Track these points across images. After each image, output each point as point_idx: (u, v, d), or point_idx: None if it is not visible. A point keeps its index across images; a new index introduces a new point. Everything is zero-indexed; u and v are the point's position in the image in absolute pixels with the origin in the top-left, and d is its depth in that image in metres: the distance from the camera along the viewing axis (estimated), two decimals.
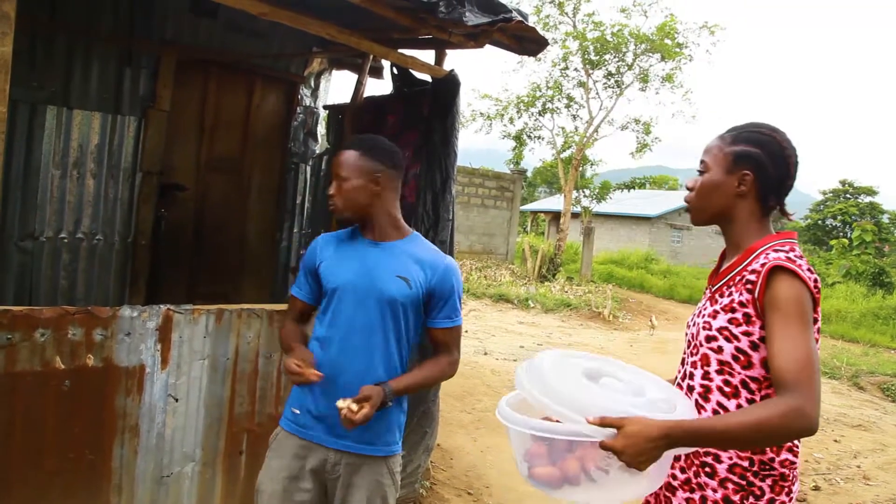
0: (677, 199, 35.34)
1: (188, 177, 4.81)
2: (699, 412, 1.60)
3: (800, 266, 1.49)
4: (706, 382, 1.62)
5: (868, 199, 38.53)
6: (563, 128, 22.08)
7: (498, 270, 18.14)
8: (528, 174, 26.87)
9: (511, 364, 8.00)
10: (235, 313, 2.83)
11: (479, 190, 20.66)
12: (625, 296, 16.58)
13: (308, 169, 5.37)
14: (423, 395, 3.44)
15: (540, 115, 21.62)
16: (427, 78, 3.80)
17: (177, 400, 2.72)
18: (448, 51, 3.75)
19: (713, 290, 1.69)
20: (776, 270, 1.49)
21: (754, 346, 1.53)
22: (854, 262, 21.54)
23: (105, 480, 2.59)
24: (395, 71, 4.14)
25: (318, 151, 5.41)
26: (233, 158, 5.02)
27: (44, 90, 4.06)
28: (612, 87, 20.66)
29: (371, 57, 4.56)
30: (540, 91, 21.23)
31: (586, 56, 20.00)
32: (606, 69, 20.28)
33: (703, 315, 1.66)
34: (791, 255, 1.53)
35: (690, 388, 1.67)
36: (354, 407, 1.87)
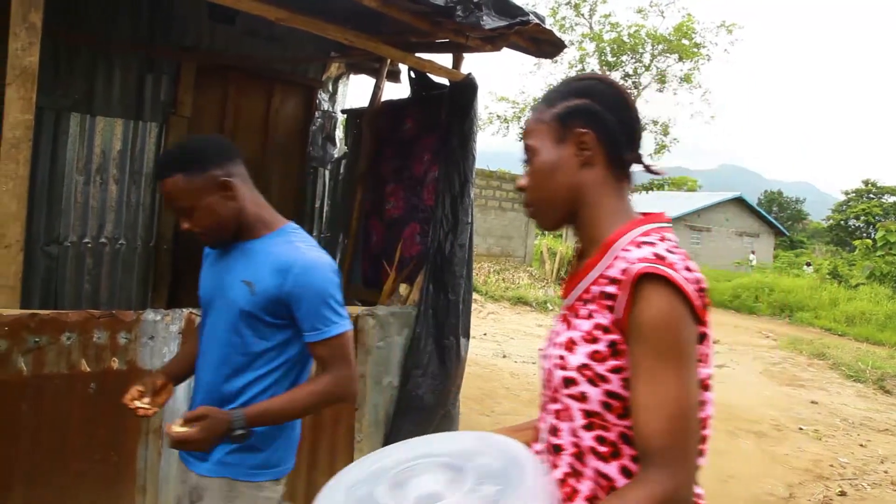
0: (697, 200, 35.08)
1: None
2: (577, 480, 1.15)
3: (673, 267, 1.08)
4: (576, 441, 1.16)
5: (892, 199, 37.94)
6: None
7: (516, 273, 18.09)
8: None
9: (530, 367, 7.98)
10: None
11: (496, 192, 20.62)
12: None
13: (327, 173, 5.40)
14: (442, 398, 3.45)
15: None
16: (444, 81, 3.82)
17: None
18: (465, 54, 3.76)
19: (566, 305, 1.24)
20: (644, 280, 1.06)
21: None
22: (878, 263, 21.18)
23: (130, 482, 2.62)
24: (412, 75, 4.16)
25: (336, 155, 5.45)
26: (252, 163, 5.01)
27: (68, 97, 4.13)
28: (630, 88, 20.58)
29: (388, 61, 4.59)
30: None
31: (603, 57, 19.96)
32: (623, 70, 20.24)
33: (557, 345, 1.20)
34: (661, 249, 1.13)
35: (558, 449, 1.19)
36: (175, 428, 1.58)
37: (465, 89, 3.51)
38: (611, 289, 1.11)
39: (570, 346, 1.15)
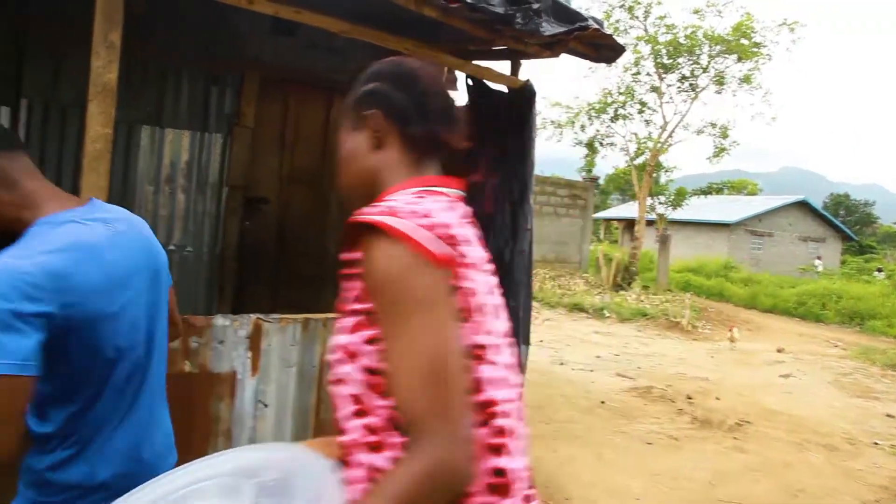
0: (758, 204, 34.04)
1: (270, 190, 4.99)
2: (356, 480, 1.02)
3: (397, 214, 0.96)
4: (350, 433, 1.03)
5: None
6: (635, 134, 21.67)
7: (571, 279, 17.91)
8: (601, 181, 26.44)
9: (588, 374, 7.88)
10: (321, 322, 2.91)
11: (550, 198, 20.49)
12: (703, 305, 16.06)
13: None
14: None
15: (612, 121, 21.29)
16: (502, 88, 3.82)
17: (266, 406, 2.82)
18: (522, 61, 3.76)
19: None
20: (365, 234, 0.96)
21: None
22: None
23: None
24: (469, 82, 4.18)
25: None
26: (313, 172, 5.18)
27: (139, 111, 4.31)
28: (687, 91, 20.15)
29: (445, 69, 4.62)
30: (611, 97, 20.92)
31: (659, 60, 19.59)
32: (680, 72, 19.80)
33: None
34: (402, 202, 1.01)
35: (344, 448, 1.06)
36: None
37: (524, 96, 3.50)
38: (356, 254, 1.01)
39: (340, 328, 1.05)
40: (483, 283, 1.05)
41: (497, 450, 1.00)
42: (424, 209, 1.00)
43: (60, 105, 4.07)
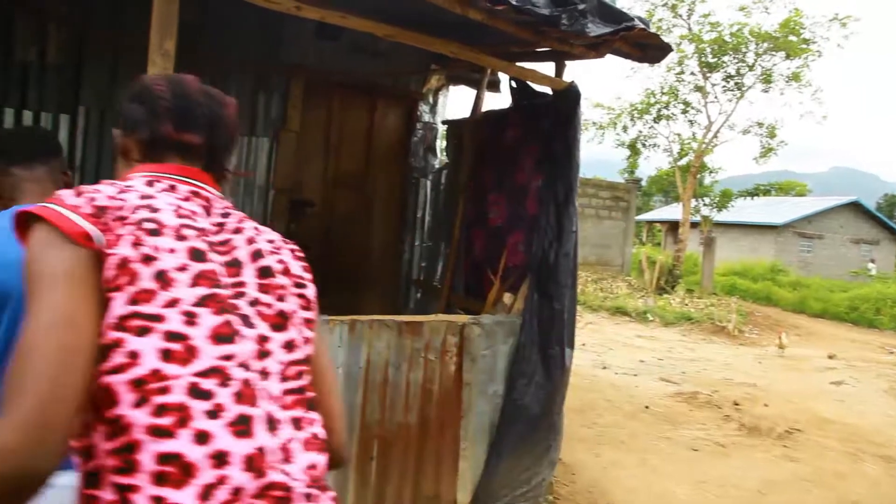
0: (807, 205, 33.13)
1: (315, 193, 5.06)
2: None
3: (60, 198, 0.97)
4: None
5: None
6: (678, 134, 21.32)
7: (614, 282, 17.71)
8: (643, 183, 26.08)
9: (631, 378, 7.77)
10: (367, 324, 2.94)
11: (592, 200, 20.29)
12: (750, 309, 15.69)
13: (428, 183, 5.50)
14: (548, 409, 3.42)
15: (655, 122, 20.99)
16: (546, 90, 3.80)
17: None
18: (566, 62, 3.74)
19: None
20: (25, 222, 0.97)
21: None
22: None
23: None
24: (513, 84, 4.17)
25: (437, 166, 5.54)
26: (357, 174, 5.24)
27: None
28: (732, 90, 19.71)
29: (489, 71, 4.62)
30: (654, 97, 20.61)
31: (703, 59, 19.21)
32: (725, 71, 19.39)
33: None
34: (87, 188, 1.01)
35: None
36: None
37: (569, 97, 3.48)
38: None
39: None
40: (172, 255, 0.97)
41: (162, 432, 0.87)
42: (95, 189, 1.01)
43: (116, 112, 4.19)
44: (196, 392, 0.91)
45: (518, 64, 3.59)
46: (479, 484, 3.32)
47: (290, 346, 1.07)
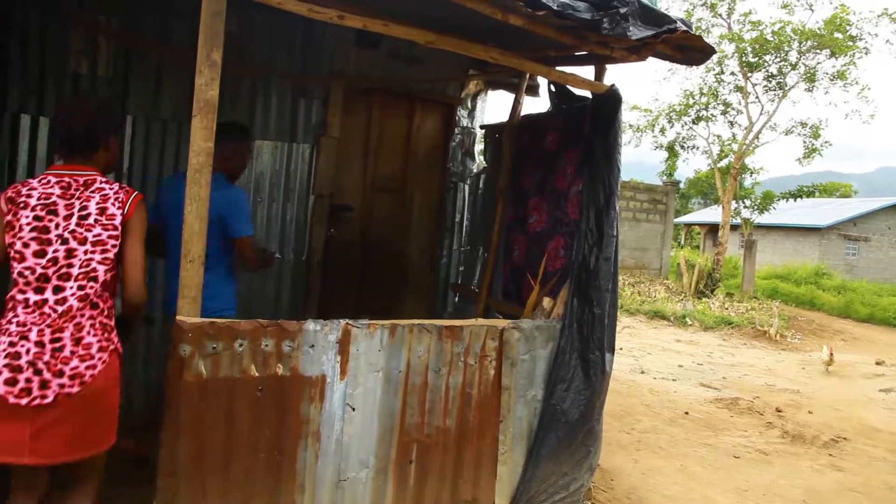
0: (852, 207, 32.23)
1: (355, 197, 5.11)
2: None
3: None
4: None
5: None
6: (718, 136, 20.94)
7: (652, 286, 17.48)
8: (682, 185, 25.66)
9: (670, 384, 7.67)
10: (407, 328, 2.96)
11: (629, 203, 20.08)
12: (793, 313, 15.33)
13: (466, 187, 5.52)
14: (587, 414, 3.40)
15: (694, 123, 20.66)
16: (585, 94, 3.79)
17: (353, 409, 2.89)
18: (607, 65, 3.72)
19: None
20: None
21: None
22: None
23: (290, 480, 2.79)
24: (552, 88, 4.17)
25: (475, 170, 5.55)
26: (395, 179, 5.28)
27: None
28: (774, 90, 19.29)
29: (527, 76, 4.62)
30: (693, 98, 20.30)
31: (744, 59, 18.85)
32: (767, 71, 18.98)
33: None
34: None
35: None
36: None
37: (609, 101, 3.46)
38: None
39: None
40: (31, 226, 2.26)
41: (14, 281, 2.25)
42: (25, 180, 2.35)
43: (161, 120, 4.31)
44: (19, 273, 2.23)
45: (557, 68, 3.58)
46: (518, 489, 3.32)
47: (99, 248, 2.30)
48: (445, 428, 3.12)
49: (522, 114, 4.64)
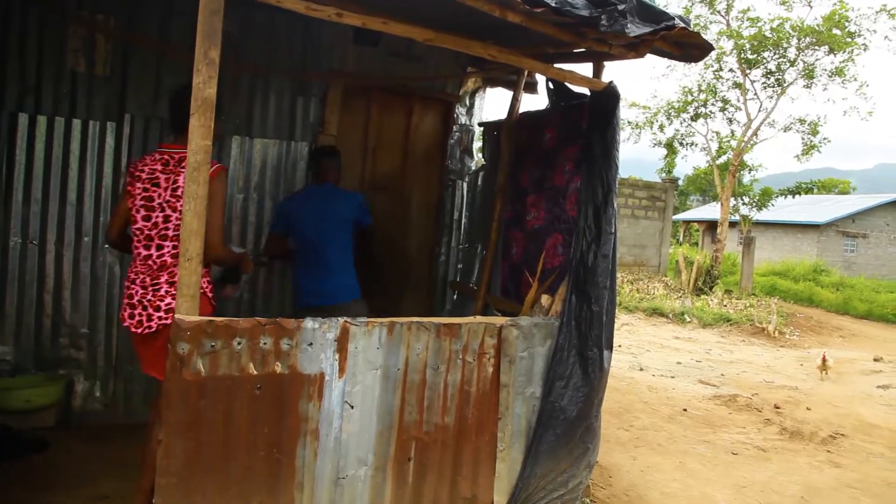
0: (850, 203, 32.27)
1: None
2: None
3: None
4: None
5: None
6: (717, 132, 20.96)
7: (650, 283, 17.50)
8: (680, 182, 25.66)
9: (668, 381, 7.68)
10: (406, 326, 2.96)
11: (628, 200, 20.09)
12: (791, 310, 15.35)
13: (465, 185, 5.51)
14: (585, 411, 3.41)
15: (692, 120, 20.67)
16: (584, 91, 3.79)
17: (352, 407, 2.89)
18: (605, 62, 3.71)
19: None
20: None
21: None
22: None
23: (290, 478, 2.79)
24: (550, 86, 4.16)
25: (474, 168, 5.55)
26: (394, 177, 5.28)
27: (230, 122, 4.51)
28: (773, 86, 19.31)
29: (526, 73, 4.62)
30: (692, 95, 20.30)
31: (742, 55, 18.85)
32: (765, 67, 18.99)
33: None
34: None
35: None
36: None
37: (607, 98, 3.46)
38: None
39: None
40: (144, 196, 2.91)
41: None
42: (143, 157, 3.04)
43: (159, 119, 4.31)
44: (134, 232, 2.93)
45: (555, 65, 3.58)
46: (516, 486, 3.32)
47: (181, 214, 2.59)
48: (444, 425, 3.12)
49: (521, 111, 4.63)
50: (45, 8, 4.02)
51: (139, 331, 2.85)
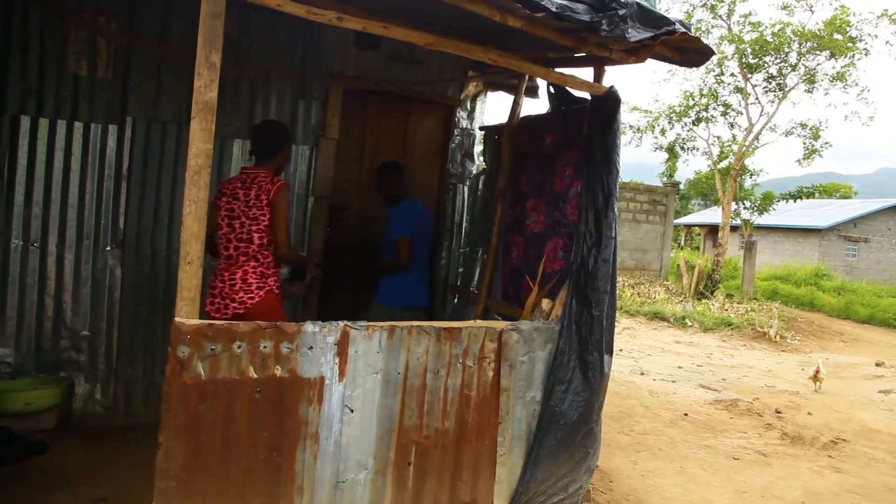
0: (852, 208, 32.24)
1: (350, 198, 5.12)
2: None
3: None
4: None
5: None
6: (718, 137, 20.97)
7: (651, 287, 17.47)
8: (682, 186, 25.65)
9: (669, 385, 7.67)
10: (406, 330, 2.96)
11: (630, 204, 20.08)
12: (793, 315, 15.33)
13: (465, 189, 5.51)
14: (586, 415, 3.40)
15: (694, 124, 20.68)
16: (585, 95, 3.79)
17: (352, 411, 2.89)
18: (606, 67, 3.72)
19: None
20: None
21: None
22: None
23: (289, 482, 2.79)
24: (551, 90, 4.17)
25: (474, 172, 5.55)
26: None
27: (231, 125, 4.51)
28: (774, 91, 19.31)
29: (527, 77, 4.62)
30: (693, 100, 20.31)
31: (743, 60, 18.86)
32: (767, 72, 19.00)
33: None
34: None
35: None
36: None
37: (608, 102, 3.46)
38: None
39: None
40: (227, 207, 3.46)
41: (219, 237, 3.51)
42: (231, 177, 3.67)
43: (161, 122, 4.32)
44: (219, 237, 3.48)
45: (556, 69, 3.58)
46: (516, 490, 3.32)
47: (254, 222, 3.41)
48: (444, 429, 3.12)
49: (522, 115, 4.63)
50: (46, 10, 4.03)
51: (217, 316, 3.39)
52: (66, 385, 4.22)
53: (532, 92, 4.99)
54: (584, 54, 3.59)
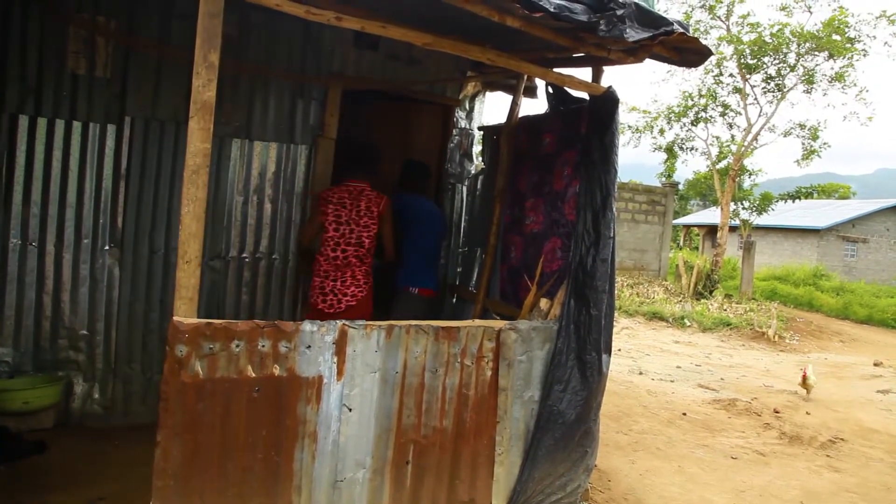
0: (851, 208, 32.26)
1: None
2: None
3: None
4: None
5: None
6: (717, 137, 20.98)
7: (650, 287, 17.48)
8: (681, 187, 25.65)
9: (668, 385, 7.68)
10: (404, 329, 2.97)
11: (628, 204, 20.09)
12: (791, 315, 15.34)
13: (464, 189, 5.52)
14: (584, 415, 3.41)
15: (692, 125, 20.70)
16: (583, 95, 3.80)
17: (350, 410, 2.89)
18: (604, 67, 3.73)
19: None
20: None
21: None
22: None
23: (288, 480, 2.80)
24: (550, 90, 4.17)
25: (473, 172, 5.55)
26: (393, 180, 5.27)
27: (230, 125, 4.51)
28: (773, 92, 19.34)
29: (525, 77, 4.63)
30: (692, 100, 20.33)
31: (742, 60, 18.88)
32: (765, 72, 19.03)
33: None
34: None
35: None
36: None
37: (606, 103, 3.47)
38: None
39: None
40: (335, 214, 4.01)
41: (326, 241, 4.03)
42: (331, 188, 4.18)
43: (159, 121, 4.32)
44: (326, 240, 4.02)
45: (555, 70, 3.58)
46: (515, 489, 3.32)
47: (365, 229, 4.03)
48: (442, 429, 3.12)
49: (520, 115, 4.64)
50: (45, 9, 4.03)
51: (331, 311, 3.90)
52: (65, 384, 4.22)
53: (531, 92, 5.00)
54: (582, 54, 3.59)
